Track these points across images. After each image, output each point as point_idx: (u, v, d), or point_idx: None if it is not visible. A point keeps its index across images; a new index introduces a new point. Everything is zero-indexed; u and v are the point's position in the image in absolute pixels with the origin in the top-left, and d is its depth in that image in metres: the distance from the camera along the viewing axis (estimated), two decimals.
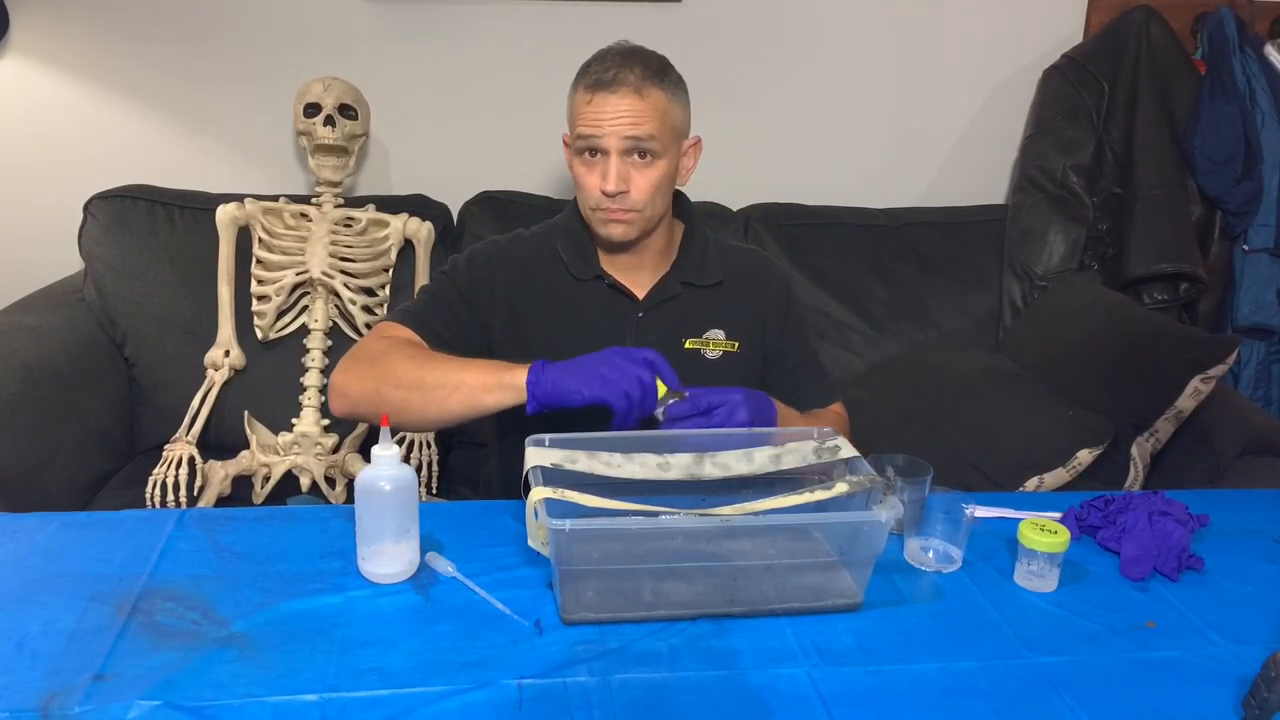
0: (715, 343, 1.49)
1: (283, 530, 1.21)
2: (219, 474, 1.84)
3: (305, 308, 2.02)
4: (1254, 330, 2.26)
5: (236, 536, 1.19)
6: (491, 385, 1.24)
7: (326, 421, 1.97)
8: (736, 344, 1.49)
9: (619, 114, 1.35)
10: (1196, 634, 1.10)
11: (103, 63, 2.18)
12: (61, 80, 2.18)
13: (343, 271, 1.99)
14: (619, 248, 1.46)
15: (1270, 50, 2.26)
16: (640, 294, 1.48)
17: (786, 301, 1.56)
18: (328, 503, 1.88)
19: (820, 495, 1.11)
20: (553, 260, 1.49)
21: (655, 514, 1.05)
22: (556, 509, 1.04)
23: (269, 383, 2.02)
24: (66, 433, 1.83)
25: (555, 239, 1.50)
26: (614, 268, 1.48)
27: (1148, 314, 2.11)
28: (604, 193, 1.37)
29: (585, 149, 1.38)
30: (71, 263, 2.16)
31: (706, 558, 1.10)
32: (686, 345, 1.48)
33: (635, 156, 1.37)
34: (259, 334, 2.00)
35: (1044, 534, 1.14)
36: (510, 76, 2.25)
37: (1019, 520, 1.19)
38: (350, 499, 1.49)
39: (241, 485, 1.89)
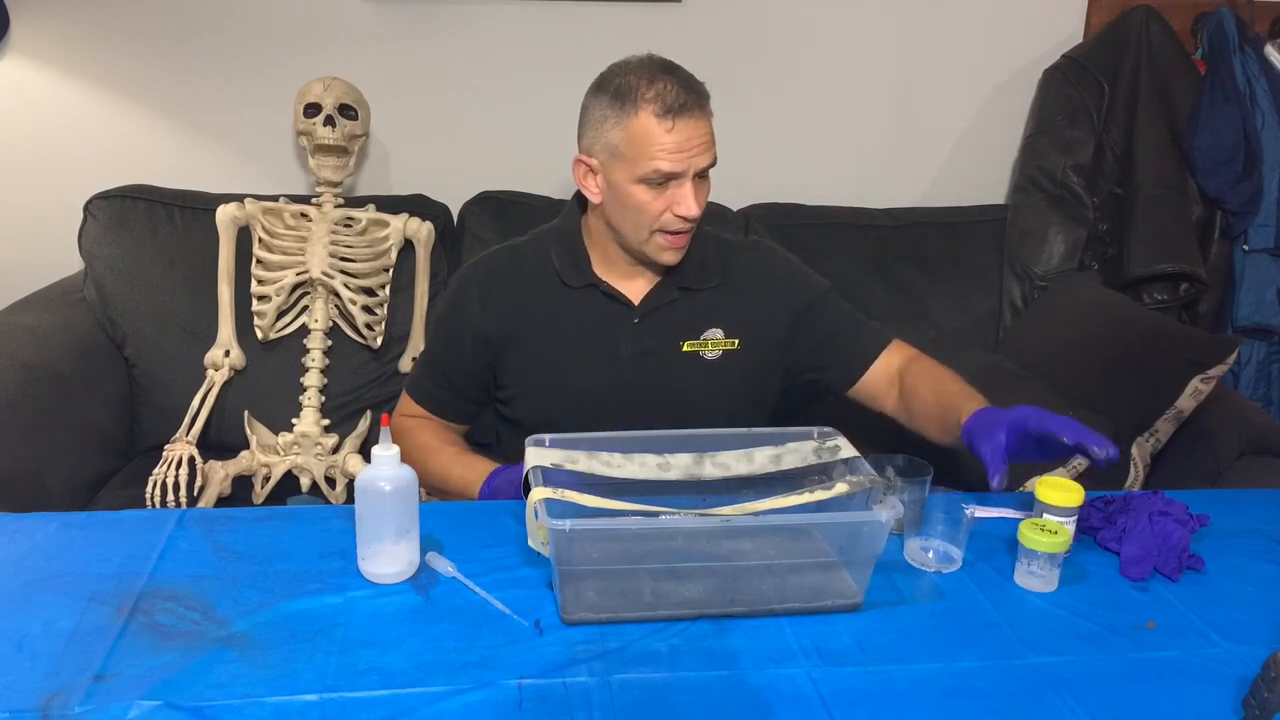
0: (714, 342, 1.48)
1: (283, 530, 1.21)
2: (219, 474, 1.84)
3: (305, 308, 2.02)
4: (1254, 330, 2.26)
5: (236, 536, 1.19)
6: (472, 483, 1.39)
7: (326, 421, 1.98)
8: (736, 341, 1.48)
9: (699, 142, 1.33)
10: (1196, 634, 1.10)
11: (103, 63, 2.18)
12: (61, 80, 2.18)
13: (343, 271, 1.99)
14: (658, 265, 1.45)
15: (1270, 50, 2.26)
16: (635, 300, 1.46)
17: (794, 281, 1.54)
18: (328, 503, 1.88)
19: (820, 495, 1.11)
20: (545, 268, 1.48)
21: (655, 514, 1.05)
22: (556, 509, 1.04)
23: (269, 383, 2.02)
24: (66, 433, 1.83)
25: (550, 246, 1.49)
26: (610, 275, 1.47)
27: (1148, 314, 2.11)
28: (683, 217, 1.36)
29: (659, 179, 1.34)
30: (71, 263, 2.16)
31: (706, 558, 1.10)
32: (684, 348, 1.47)
33: (697, 178, 1.37)
34: (259, 334, 2.00)
35: (1044, 534, 1.14)
36: (510, 76, 2.25)
37: (1019, 520, 1.19)
38: (350, 499, 1.49)
39: (241, 485, 1.89)
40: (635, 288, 1.47)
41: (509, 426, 1.53)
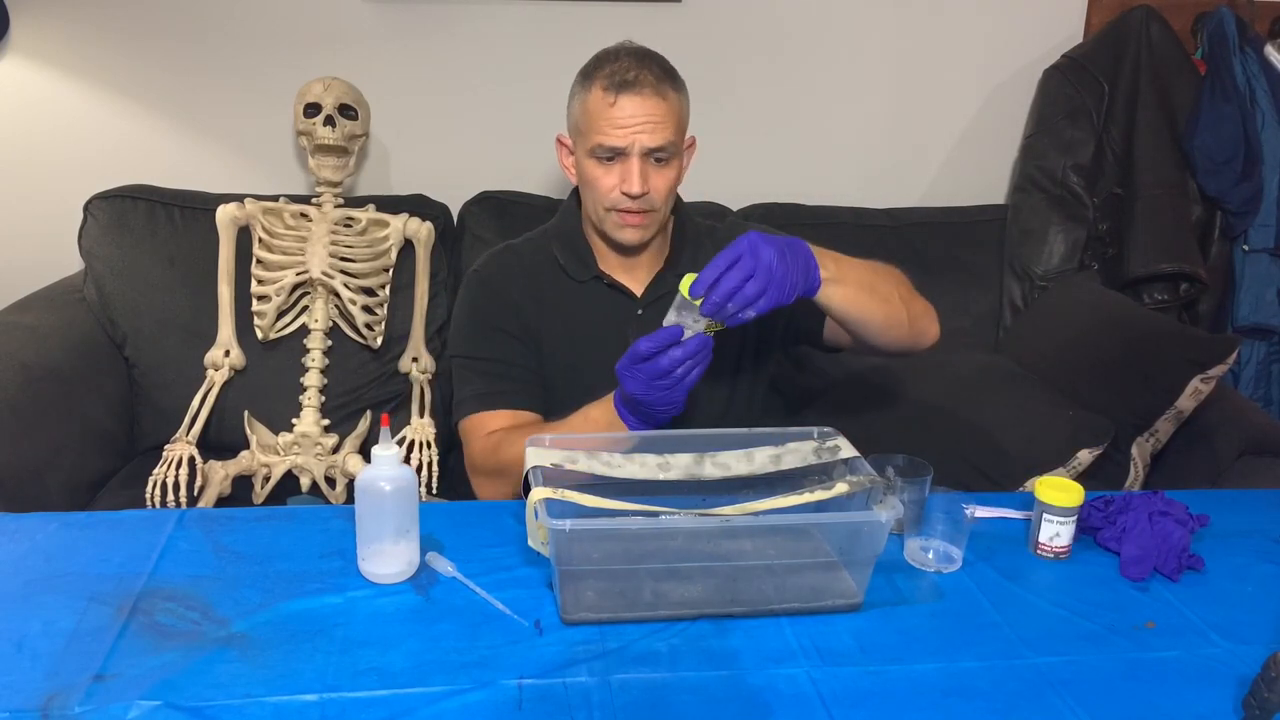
0: (708, 324, 1.47)
1: (283, 530, 1.21)
2: (219, 474, 1.84)
3: (305, 308, 2.02)
4: (1254, 330, 2.26)
5: (236, 536, 1.19)
6: (608, 402, 1.32)
7: (326, 421, 1.97)
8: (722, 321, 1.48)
9: (645, 118, 1.33)
10: (1196, 634, 1.10)
11: (103, 63, 2.18)
12: (61, 80, 2.18)
13: (343, 271, 1.99)
14: (629, 249, 1.45)
15: (1270, 50, 2.26)
16: (638, 291, 1.48)
17: None
18: (328, 503, 1.88)
19: (820, 495, 1.11)
20: (549, 265, 1.49)
21: (655, 514, 1.05)
22: (556, 509, 1.04)
23: (269, 383, 2.02)
24: (66, 433, 1.83)
25: (550, 243, 1.50)
26: (611, 267, 1.48)
27: (1148, 314, 2.11)
28: (626, 194, 1.36)
29: (606, 154, 1.35)
30: (71, 263, 2.16)
31: (706, 558, 1.10)
32: None
33: (653, 159, 1.36)
34: (259, 334, 2.00)
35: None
36: (510, 76, 2.25)
37: (1019, 520, 1.19)
38: (350, 499, 1.49)
39: (241, 485, 1.89)
40: (636, 279, 1.49)
41: None
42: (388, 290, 2.06)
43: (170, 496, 1.80)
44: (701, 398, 1.47)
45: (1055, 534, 1.20)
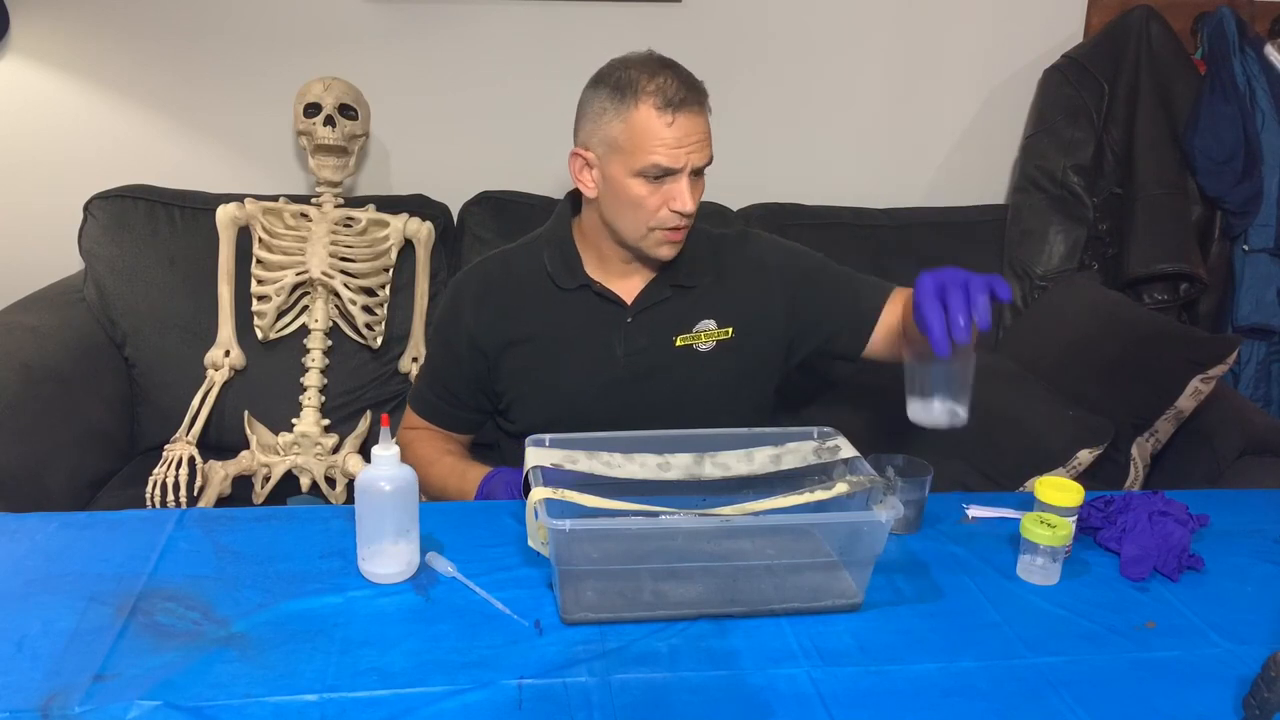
0: (706, 334, 1.48)
1: (283, 530, 1.21)
2: (219, 474, 1.84)
3: (305, 308, 2.02)
4: (1254, 330, 2.26)
5: (236, 536, 1.19)
6: (466, 494, 1.40)
7: (327, 422, 1.98)
8: (730, 330, 1.48)
9: (697, 138, 1.34)
10: (1196, 634, 1.10)
11: (103, 63, 2.18)
12: (61, 80, 2.18)
13: (343, 271, 1.99)
14: (655, 262, 1.45)
15: (1270, 50, 2.26)
16: (628, 299, 1.47)
17: (785, 263, 1.54)
18: (328, 503, 1.88)
19: (820, 495, 1.11)
20: (538, 272, 1.48)
21: (655, 514, 1.05)
22: (556, 509, 1.04)
23: (269, 383, 2.02)
24: (66, 433, 1.83)
25: (542, 249, 1.50)
26: (602, 275, 1.47)
27: (1148, 314, 2.11)
28: (678, 213, 1.35)
29: (657, 173, 1.34)
30: (71, 263, 2.16)
31: (707, 558, 1.10)
32: (677, 343, 1.47)
33: (693, 174, 1.37)
34: (259, 334, 2.00)
35: (1044, 528, 1.14)
36: (510, 76, 2.25)
37: (1019, 520, 1.19)
38: (350, 499, 1.49)
39: (241, 485, 1.89)
40: (628, 287, 1.47)
41: (509, 436, 1.53)
42: (388, 290, 2.06)
43: (170, 496, 1.80)
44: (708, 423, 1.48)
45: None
